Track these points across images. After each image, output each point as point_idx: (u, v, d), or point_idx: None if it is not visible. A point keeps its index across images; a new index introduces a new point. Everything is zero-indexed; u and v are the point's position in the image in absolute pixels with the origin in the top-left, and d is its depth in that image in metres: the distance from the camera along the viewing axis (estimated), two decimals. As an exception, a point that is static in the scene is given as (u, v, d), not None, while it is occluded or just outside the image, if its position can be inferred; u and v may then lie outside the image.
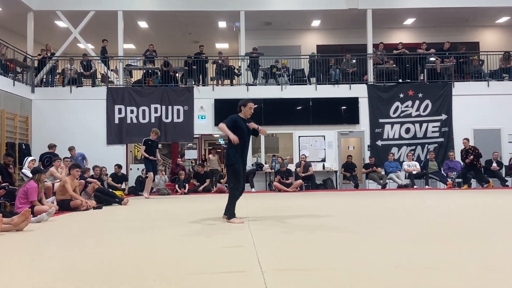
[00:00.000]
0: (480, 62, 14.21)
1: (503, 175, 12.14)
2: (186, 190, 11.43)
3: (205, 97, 13.27)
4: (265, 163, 13.34)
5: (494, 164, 12.06)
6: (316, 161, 13.16)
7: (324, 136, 13.32)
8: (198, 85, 13.63)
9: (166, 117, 13.12)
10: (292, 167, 12.60)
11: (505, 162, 12.73)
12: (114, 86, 13.70)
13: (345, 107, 13.35)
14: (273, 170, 12.59)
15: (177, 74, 14.07)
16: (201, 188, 11.69)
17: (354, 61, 14.04)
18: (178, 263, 2.98)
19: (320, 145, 13.34)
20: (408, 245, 3.58)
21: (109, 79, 13.84)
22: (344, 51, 15.01)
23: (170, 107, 13.13)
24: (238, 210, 5.39)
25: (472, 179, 11.88)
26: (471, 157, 11.28)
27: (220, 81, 13.88)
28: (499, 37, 16.00)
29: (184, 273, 2.70)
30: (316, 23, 15.41)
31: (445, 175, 12.26)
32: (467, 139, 11.74)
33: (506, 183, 11.91)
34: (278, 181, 11.67)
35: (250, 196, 10.12)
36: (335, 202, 8.09)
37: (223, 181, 11.38)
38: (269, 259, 3.04)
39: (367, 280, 2.49)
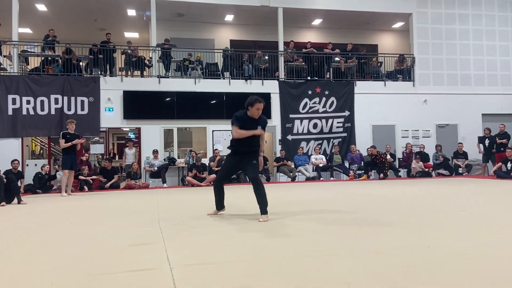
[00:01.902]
0: (379, 64, 15.50)
1: (397, 167, 13.41)
2: (87, 188, 10.69)
3: (113, 88, 12.57)
4: (178, 158, 13.09)
5: (388, 157, 13.26)
6: (230, 155, 13.23)
7: (237, 130, 13.43)
8: (105, 75, 12.87)
9: (69, 109, 12.17)
10: (205, 161, 12.54)
11: (399, 155, 14.08)
12: (7, 74, 12.33)
13: (257, 102, 13.59)
14: (186, 165, 12.40)
15: (81, 63, 13.12)
16: (108, 184, 11.07)
17: (266, 57, 14.37)
18: (79, 264, 2.78)
19: (233, 140, 13.43)
20: (315, 234, 3.78)
21: (1, 66, 12.42)
22: (257, 47, 15.28)
23: (73, 98, 12.20)
24: (142, 206, 5.19)
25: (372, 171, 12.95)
26: (380, 164, 12.32)
27: (129, 72, 13.26)
28: (395, 41, 17.58)
29: (86, 274, 2.53)
30: (229, 17, 15.46)
31: (348, 167, 13.20)
32: (374, 147, 12.68)
33: (399, 174, 13.18)
34: (193, 176, 11.52)
35: (162, 191, 9.85)
36: (247, 195, 8.23)
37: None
38: (178, 255, 2.99)
39: (275, 270, 2.56)
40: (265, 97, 13.46)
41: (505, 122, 13.26)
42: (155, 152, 12.25)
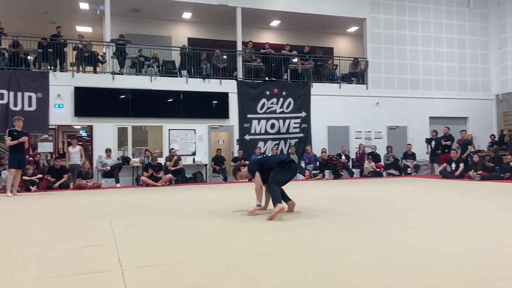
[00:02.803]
0: (334, 66, 15.89)
1: (351, 167, 13.82)
2: (34, 187, 10.17)
3: (63, 84, 12.03)
4: (133, 157, 12.76)
5: (343, 157, 13.64)
6: (187, 155, 13.10)
7: (194, 129, 13.33)
8: (55, 71, 12.29)
9: (15, 105, 11.51)
10: (161, 160, 12.30)
11: (352, 155, 14.52)
12: None
13: (215, 102, 13.55)
14: (141, 164, 12.10)
15: (29, 57, 12.44)
16: (57, 184, 10.58)
17: (225, 56, 14.32)
18: (24, 268, 2.63)
19: (190, 139, 13.31)
20: (270, 233, 3.81)
21: None
22: (215, 46, 15.18)
23: (19, 94, 11.54)
24: (93, 207, 5.02)
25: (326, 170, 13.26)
26: (332, 166, 12.65)
27: (81, 67, 12.75)
28: (349, 44, 18.10)
29: (30, 278, 2.40)
30: (187, 15, 15.26)
31: (304, 167, 13.44)
32: (324, 152, 12.93)
33: (353, 174, 13.59)
34: (148, 175, 11.23)
35: (115, 191, 9.55)
36: (204, 195, 8.17)
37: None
38: (130, 256, 2.91)
39: (230, 270, 2.56)
40: (223, 97, 13.50)
41: (449, 125, 14.04)
42: (108, 151, 11.86)
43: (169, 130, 13.05)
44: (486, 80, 16.60)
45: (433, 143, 13.58)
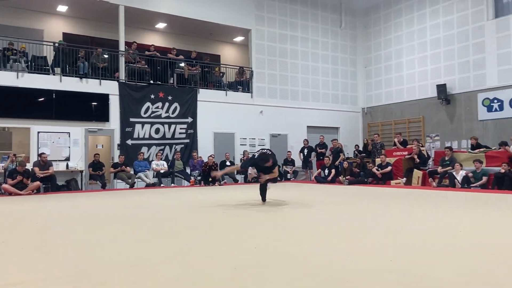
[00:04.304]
0: (221, 74, 16.13)
1: (235, 173, 14.11)
2: None
3: None
4: (-8, 163, 11.15)
5: (228, 163, 13.87)
6: (59, 160, 11.94)
7: (69, 133, 12.23)
8: None
9: None
10: (28, 166, 10.98)
11: (237, 162, 14.85)
12: None
13: (94, 104, 12.64)
14: (3, 171, 10.64)
15: None
16: None
17: (106, 56, 13.46)
18: None
19: (64, 143, 12.18)
20: (145, 243, 3.64)
21: None
22: (95, 44, 14.21)
23: None
24: None
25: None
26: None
27: None
28: (236, 53, 18.56)
29: None
30: (62, 8, 13.99)
31: (189, 173, 13.31)
32: (212, 156, 13.01)
33: (238, 180, 13.90)
34: (16, 182, 9.87)
35: (-33, 202, 8.21)
36: (77, 204, 7.51)
37: None
38: (-24, 278, 2.50)
39: (99, 283, 2.36)
40: (103, 98, 12.68)
41: (324, 134, 15.32)
42: (-41, 155, 10.19)
43: (38, 132, 11.76)
44: (354, 95, 18.53)
45: (305, 151, 14.70)
